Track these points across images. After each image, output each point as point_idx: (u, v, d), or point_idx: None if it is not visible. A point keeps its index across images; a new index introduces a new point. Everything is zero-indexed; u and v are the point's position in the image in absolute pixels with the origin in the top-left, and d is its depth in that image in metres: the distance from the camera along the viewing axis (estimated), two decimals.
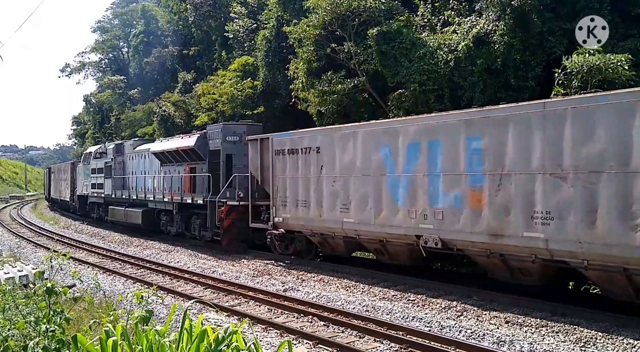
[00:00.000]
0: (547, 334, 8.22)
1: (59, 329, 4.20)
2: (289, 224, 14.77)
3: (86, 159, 29.68)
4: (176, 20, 43.06)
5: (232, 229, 16.78)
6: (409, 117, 13.01)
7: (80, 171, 31.13)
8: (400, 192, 11.41)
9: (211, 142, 18.16)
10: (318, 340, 8.30)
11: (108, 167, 26.39)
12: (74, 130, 68.55)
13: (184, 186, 19.79)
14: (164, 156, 20.98)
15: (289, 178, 14.66)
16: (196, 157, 18.86)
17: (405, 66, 15.61)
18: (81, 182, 30.75)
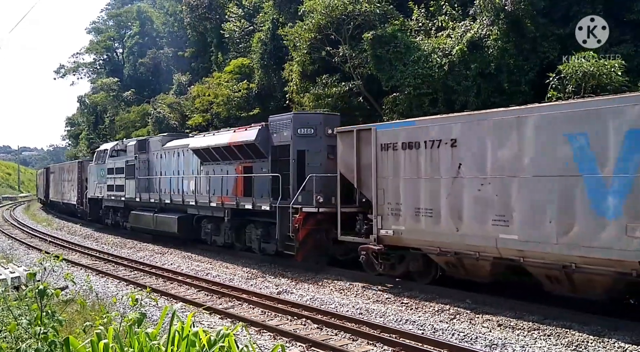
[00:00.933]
0: (539, 338, 8.26)
1: (51, 332, 4.19)
2: (402, 239, 11.42)
3: (100, 157, 26.09)
4: (171, 22, 43.06)
5: (308, 242, 13.77)
6: (627, 94, 9.24)
7: (92, 171, 27.18)
8: (611, 200, 8.26)
9: (275, 136, 15.18)
10: (311, 343, 8.30)
11: (130, 167, 22.71)
12: (67, 131, 68.33)
13: (235, 188, 16.79)
14: (208, 153, 17.84)
15: (405, 180, 11.39)
16: (254, 154, 15.90)
17: (399, 70, 15.67)
18: (93, 183, 26.79)
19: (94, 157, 27.47)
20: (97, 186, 26.24)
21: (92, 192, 27.23)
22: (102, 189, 25.68)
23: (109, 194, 24.87)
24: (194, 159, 19.09)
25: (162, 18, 45.49)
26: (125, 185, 23.08)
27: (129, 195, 22.84)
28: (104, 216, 26.68)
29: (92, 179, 27.25)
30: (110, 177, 24.54)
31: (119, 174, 23.66)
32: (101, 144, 29.52)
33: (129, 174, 22.71)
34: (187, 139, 20.43)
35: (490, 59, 14.31)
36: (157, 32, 47.87)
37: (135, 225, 22.35)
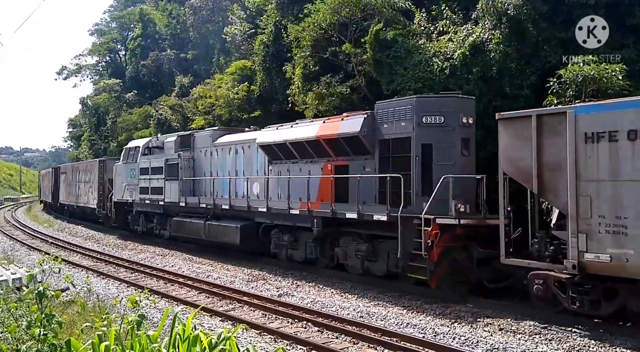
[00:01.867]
0: (540, 342, 8.24)
1: (51, 333, 4.19)
2: (629, 268, 8.04)
3: (130, 156, 22.82)
4: (174, 24, 43.18)
5: (444, 263, 10.61)
6: None
7: (119, 171, 23.73)
8: None
9: (385, 127, 12.25)
10: (312, 346, 8.29)
11: (172, 166, 19.52)
12: (69, 132, 68.36)
13: (321, 192, 13.75)
14: (283, 150, 14.87)
15: (632, 183, 8.12)
16: (353, 150, 12.91)
17: (400, 74, 15.68)
18: (121, 185, 23.33)
19: (121, 156, 24.02)
20: (126, 188, 22.83)
21: (118, 195, 23.68)
22: (132, 192, 22.30)
23: (142, 198, 21.40)
24: (258, 156, 16.25)
25: (165, 20, 45.60)
26: (164, 187, 19.72)
27: (169, 199, 19.48)
28: (133, 222, 23.37)
29: (118, 181, 23.64)
30: (144, 178, 21.17)
31: (156, 175, 20.30)
32: (131, 141, 25.22)
33: (171, 175, 19.44)
34: (249, 134, 17.42)
35: (492, 63, 14.32)
36: (160, 34, 47.98)
37: (178, 234, 19.28)
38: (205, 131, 20.04)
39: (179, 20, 41.84)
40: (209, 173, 18.71)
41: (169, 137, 21.44)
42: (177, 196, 19.13)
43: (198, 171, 19.30)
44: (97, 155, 45.77)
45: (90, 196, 28.84)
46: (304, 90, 19.20)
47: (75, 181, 32.46)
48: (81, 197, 31.03)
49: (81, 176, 31.25)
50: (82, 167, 32.10)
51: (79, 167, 32.76)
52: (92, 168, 29.07)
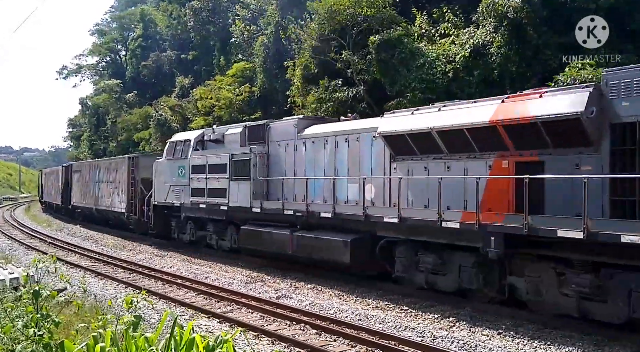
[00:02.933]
0: (539, 347, 8.21)
1: (47, 333, 4.16)
2: None
3: (176, 151, 19.04)
4: (175, 25, 43.24)
5: None
6: None
7: (161, 170, 19.93)
8: None
9: (625, 106, 8.42)
10: (310, 348, 8.25)
11: (241, 163, 15.72)
12: (69, 132, 68.47)
13: (488, 198, 10.01)
14: (421, 141, 11.32)
15: None
16: (559, 140, 9.17)
17: (403, 75, 15.69)
18: (164, 185, 19.55)
19: (164, 151, 20.19)
20: (171, 189, 18.99)
21: (160, 197, 19.83)
22: (179, 194, 18.58)
23: (194, 201, 17.70)
24: (374, 151, 12.79)
25: (166, 21, 45.68)
26: (228, 189, 16.08)
27: (236, 203, 15.76)
28: (178, 230, 19.50)
29: (160, 180, 19.87)
30: (198, 177, 17.53)
31: (216, 174, 16.65)
32: (175, 134, 21.68)
33: (239, 174, 15.76)
34: (359, 122, 13.90)
35: (494, 65, 14.34)
36: (161, 35, 48.06)
37: (249, 246, 15.53)
38: (287, 120, 15.84)
39: (179, 21, 41.91)
40: (292, 172, 14.91)
41: (231, 128, 17.75)
42: (247, 200, 15.35)
43: (274, 169, 15.47)
44: (96, 156, 45.78)
45: (116, 198, 24.78)
46: (304, 92, 19.23)
47: (94, 181, 28.42)
48: (103, 199, 26.80)
49: (102, 175, 27.10)
50: (104, 165, 27.73)
51: (100, 165, 28.36)
52: (118, 166, 24.99)
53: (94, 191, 28.38)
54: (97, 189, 27.89)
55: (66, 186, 34.26)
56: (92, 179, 28.89)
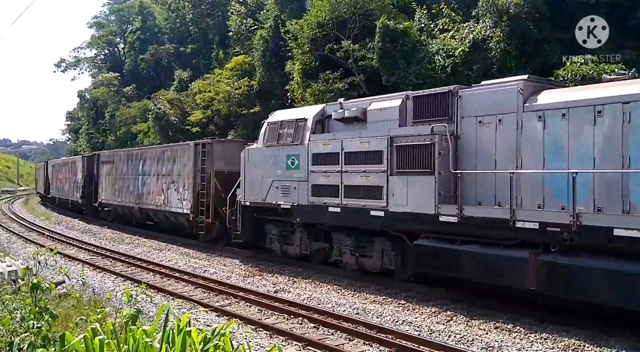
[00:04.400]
0: (535, 341, 8.25)
1: (45, 326, 4.17)
2: None
3: (281, 134, 14.09)
4: (173, 18, 43.09)
5: None
6: None
7: (258, 160, 14.78)
8: None
9: None
10: (307, 342, 8.28)
11: (414, 150, 10.71)
12: (67, 125, 68.36)
13: None
14: None
15: None
16: None
17: (402, 68, 15.67)
18: (260, 181, 14.54)
19: (261, 135, 14.89)
20: (274, 185, 14.10)
21: (253, 196, 14.85)
22: (289, 192, 13.64)
23: (317, 203, 12.78)
24: None
25: (164, 14, 45.51)
26: (387, 186, 11.12)
27: (405, 207, 10.82)
28: (282, 240, 14.70)
29: (253, 174, 14.91)
30: (324, 170, 12.61)
31: (361, 164, 11.72)
32: (275, 112, 15.51)
33: (410, 165, 10.74)
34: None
35: (493, 60, 14.33)
36: (159, 28, 47.89)
37: (437, 271, 10.58)
38: (497, 85, 10.35)
39: (178, 14, 41.76)
40: (510, 162, 9.82)
41: (378, 100, 12.45)
42: (428, 203, 10.33)
43: (467, 160, 10.48)
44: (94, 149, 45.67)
45: (174, 195, 19.79)
46: (303, 85, 19.19)
47: (136, 174, 23.45)
48: (150, 196, 21.93)
49: (149, 166, 22.20)
50: (152, 154, 22.36)
51: (145, 155, 23.14)
52: (177, 155, 20.03)
53: (136, 186, 23.25)
54: (141, 183, 22.86)
55: (89, 180, 29.00)
56: (132, 172, 23.74)
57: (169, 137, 31.41)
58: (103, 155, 28.62)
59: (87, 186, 29.44)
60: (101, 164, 27.74)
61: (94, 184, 28.57)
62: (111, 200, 26.07)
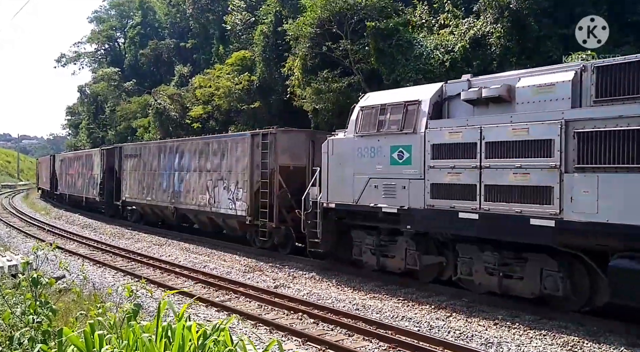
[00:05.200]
0: (534, 337, 8.27)
1: (45, 320, 4.18)
2: None
3: (381, 122, 11.30)
4: (174, 13, 42.98)
5: None
6: None
7: (347, 152, 12.03)
8: None
9: None
10: (307, 337, 8.30)
11: (610, 135, 7.75)
12: (68, 120, 68.30)
13: None
14: None
15: None
16: None
17: (401, 64, 15.65)
18: (351, 178, 11.87)
19: (350, 121, 12.11)
20: (370, 183, 11.40)
21: (340, 197, 12.22)
22: (396, 192, 10.92)
23: (439, 206, 10.09)
24: None
25: (165, 9, 45.39)
26: (560, 188, 8.34)
27: (620, 217, 7.62)
28: (379, 251, 11.89)
29: (339, 169, 12.23)
30: (452, 165, 9.87)
31: (505, 159, 9.09)
32: (370, 94, 12.52)
33: (623, 159, 7.67)
34: None
35: (493, 56, 14.29)
36: (159, 23, 47.80)
37: None
38: None
39: (178, 9, 41.66)
40: None
41: (536, 74, 9.38)
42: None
43: None
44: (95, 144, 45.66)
45: (224, 195, 17.08)
46: (304, 82, 19.16)
47: (170, 169, 20.63)
48: (190, 195, 19.16)
49: (188, 160, 19.51)
50: (193, 146, 19.43)
51: (182, 147, 20.14)
52: (227, 147, 17.17)
53: (171, 183, 20.50)
54: (178, 180, 20.05)
55: (110, 176, 25.96)
56: (166, 167, 20.94)
57: (169, 133, 31.39)
58: (127, 149, 25.07)
59: (107, 182, 26.25)
60: (124, 158, 24.62)
61: (115, 181, 25.44)
62: (138, 198, 23.10)
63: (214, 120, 28.74)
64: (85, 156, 30.98)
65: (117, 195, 25.18)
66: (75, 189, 32.32)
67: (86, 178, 29.73)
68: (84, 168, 30.28)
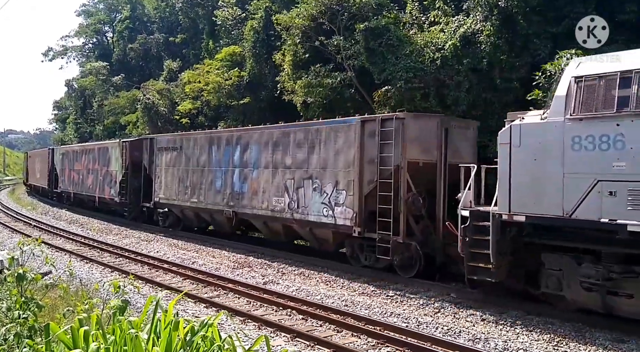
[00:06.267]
0: (521, 333, 8.35)
1: (31, 316, 4.14)
2: None
3: (622, 97, 7.62)
4: (163, 7, 42.63)
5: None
6: None
7: (547, 143, 8.38)
8: None
9: None
10: (296, 333, 8.31)
11: None
12: (55, 115, 67.51)
13: None
14: None
15: None
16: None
17: (391, 63, 15.65)
18: (561, 179, 8.15)
19: (557, 101, 8.38)
20: (597, 188, 7.83)
21: (534, 205, 8.58)
22: None
23: None
24: None
25: (154, 3, 44.97)
26: None
27: None
28: (602, 290, 8.20)
29: (532, 165, 8.59)
30: None
31: None
32: (577, 60, 8.89)
33: None
34: None
35: (483, 54, 14.35)
36: (148, 17, 47.38)
37: None
38: None
39: (168, 3, 41.31)
40: None
41: None
42: None
43: None
44: (83, 139, 45.22)
45: (314, 198, 13.66)
46: (294, 77, 19.08)
47: (227, 165, 16.76)
48: (260, 198, 15.29)
49: (259, 154, 15.46)
50: (263, 136, 15.34)
51: (247, 138, 15.98)
52: (318, 139, 13.64)
53: (228, 182, 16.58)
54: (239, 179, 16.13)
55: (134, 173, 22.09)
56: (221, 162, 17.05)
57: (158, 128, 31.16)
58: (161, 140, 20.82)
59: (131, 180, 22.19)
60: (158, 151, 20.54)
61: (143, 179, 21.57)
62: (177, 200, 19.14)
63: (203, 116, 28.58)
64: (99, 149, 26.28)
65: (146, 195, 21.42)
66: (82, 188, 27.96)
67: (100, 175, 25.37)
68: (96, 163, 25.93)
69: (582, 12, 12.93)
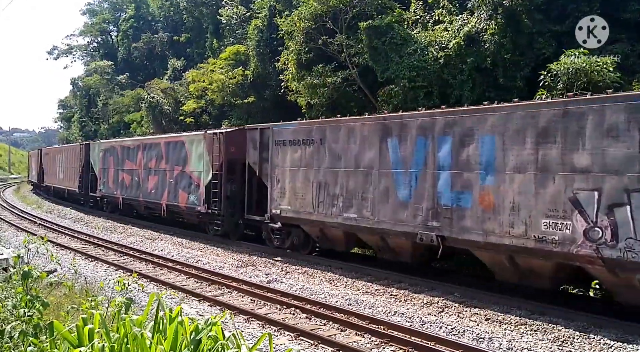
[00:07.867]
0: (525, 332, 8.33)
1: (36, 314, 4.16)
2: None
3: None
4: (167, 6, 42.69)
5: None
6: None
7: None
8: None
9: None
10: (299, 332, 8.32)
11: None
12: (60, 113, 67.76)
13: None
14: None
15: None
16: None
17: (395, 62, 15.62)
18: None
19: None
20: None
21: None
22: None
23: None
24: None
25: (158, 2, 45.03)
26: None
27: None
28: None
29: None
30: None
31: None
32: None
33: None
34: None
35: (487, 53, 14.31)
36: (153, 16, 47.44)
37: None
38: None
39: (172, 2, 41.37)
40: None
41: None
42: None
43: None
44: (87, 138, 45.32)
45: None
46: (298, 77, 19.07)
47: (416, 167, 11.10)
48: (504, 220, 9.44)
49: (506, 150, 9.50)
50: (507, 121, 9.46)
51: (473, 124, 10.06)
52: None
53: (423, 191, 10.91)
54: (448, 186, 10.52)
55: (229, 176, 16.78)
56: (407, 162, 11.32)
57: (162, 127, 31.23)
58: (283, 131, 14.74)
59: (226, 186, 16.76)
60: (276, 146, 14.85)
61: (246, 184, 16.20)
62: (314, 214, 13.59)
63: (207, 115, 28.61)
64: (167, 144, 20.01)
65: (252, 206, 16.12)
66: (138, 192, 22.00)
67: (169, 177, 19.62)
68: (163, 162, 20.05)
69: (586, 10, 12.89)
